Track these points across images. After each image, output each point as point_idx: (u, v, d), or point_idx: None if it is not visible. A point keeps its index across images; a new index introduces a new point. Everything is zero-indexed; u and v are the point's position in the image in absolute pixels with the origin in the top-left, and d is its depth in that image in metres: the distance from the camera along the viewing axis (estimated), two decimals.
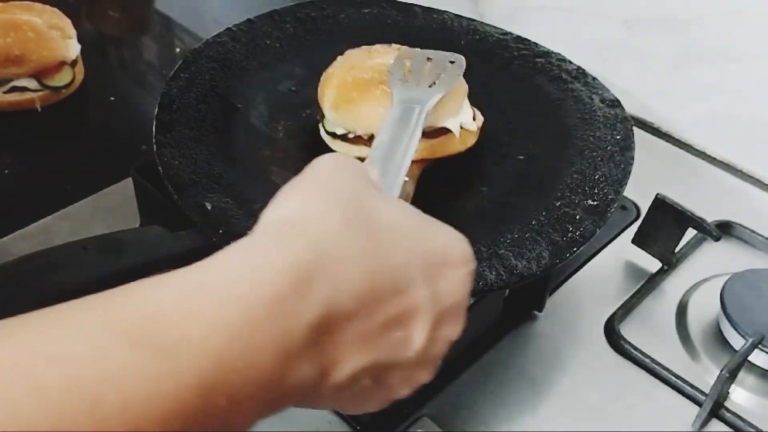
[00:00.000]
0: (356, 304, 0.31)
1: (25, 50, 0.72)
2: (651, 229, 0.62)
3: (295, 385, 0.29)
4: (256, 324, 0.27)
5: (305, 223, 0.32)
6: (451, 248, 0.36)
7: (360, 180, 0.36)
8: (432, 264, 0.34)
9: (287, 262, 0.29)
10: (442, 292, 0.34)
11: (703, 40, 0.75)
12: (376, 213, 0.34)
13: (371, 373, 0.32)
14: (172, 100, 0.60)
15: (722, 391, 0.51)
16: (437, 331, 0.34)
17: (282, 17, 0.71)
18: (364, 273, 0.31)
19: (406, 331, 0.33)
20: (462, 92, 0.58)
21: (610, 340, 0.57)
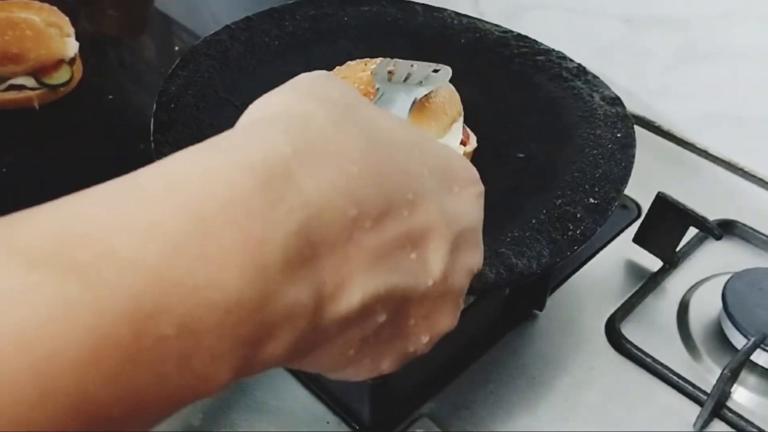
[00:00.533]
0: (358, 208, 0.25)
1: (23, 48, 0.72)
2: (652, 227, 0.62)
3: (282, 316, 0.23)
4: (211, 231, 0.22)
5: (285, 118, 0.27)
6: (456, 164, 0.32)
7: (352, 91, 0.31)
8: (440, 178, 0.30)
9: (256, 156, 0.24)
10: (455, 211, 0.30)
11: (705, 38, 0.75)
12: (373, 120, 0.29)
13: (388, 303, 0.27)
14: (170, 99, 0.59)
15: (724, 391, 0.51)
16: (455, 256, 0.30)
17: (281, 15, 0.71)
18: (365, 173, 0.26)
19: (421, 253, 0.28)
20: (446, 115, 0.56)
21: (610, 340, 0.57)
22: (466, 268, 0.31)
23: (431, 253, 0.28)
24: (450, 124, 0.56)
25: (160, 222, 0.21)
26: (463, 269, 0.31)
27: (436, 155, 0.31)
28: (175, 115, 0.58)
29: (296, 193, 0.24)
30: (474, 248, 0.32)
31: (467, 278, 0.31)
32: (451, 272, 0.29)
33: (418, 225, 0.28)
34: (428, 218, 0.28)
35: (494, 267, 0.48)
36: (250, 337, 0.22)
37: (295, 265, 0.23)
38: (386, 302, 0.27)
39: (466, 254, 0.31)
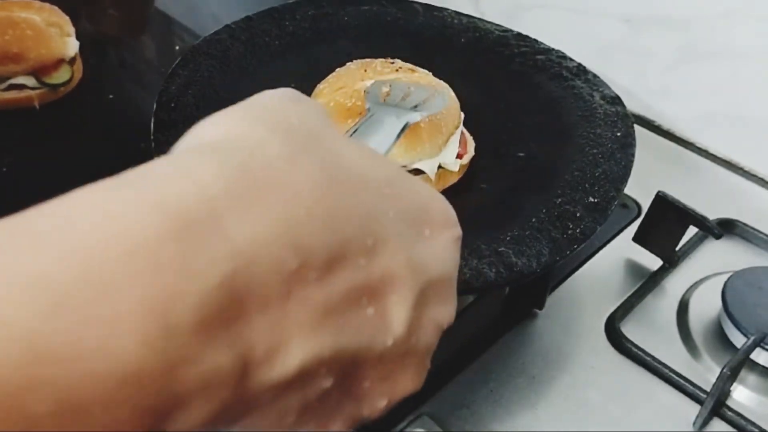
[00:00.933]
0: (300, 259, 0.21)
1: (23, 48, 0.72)
2: (652, 226, 0.62)
3: (198, 384, 0.19)
4: (108, 286, 0.18)
5: (227, 149, 0.23)
6: (431, 205, 0.28)
7: (317, 115, 0.27)
8: (410, 221, 0.26)
9: (176, 195, 0.20)
10: (424, 259, 0.26)
11: (705, 38, 0.75)
12: (337, 153, 0.25)
13: (333, 366, 0.23)
14: (170, 98, 0.59)
15: (724, 390, 0.51)
16: (423, 310, 0.26)
17: (281, 15, 0.71)
18: (314, 218, 0.22)
19: (380, 307, 0.24)
20: (442, 133, 0.55)
21: (610, 339, 0.57)
22: (435, 323, 0.27)
23: (393, 307, 0.25)
24: (446, 140, 0.55)
25: (45, 273, 0.18)
26: (431, 325, 0.27)
27: (410, 195, 0.27)
28: (175, 114, 0.58)
29: (222, 241, 0.20)
30: (445, 300, 0.27)
31: (435, 335, 0.27)
32: (416, 329, 0.25)
33: (377, 275, 0.24)
34: (391, 266, 0.24)
35: (494, 266, 0.48)
36: (154, 410, 0.19)
37: (214, 326, 0.19)
38: (332, 365, 0.23)
39: (436, 307, 0.27)
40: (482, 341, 0.56)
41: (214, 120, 0.25)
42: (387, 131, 0.42)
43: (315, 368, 0.22)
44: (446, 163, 0.55)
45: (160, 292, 0.19)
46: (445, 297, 0.27)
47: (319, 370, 0.22)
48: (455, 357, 0.54)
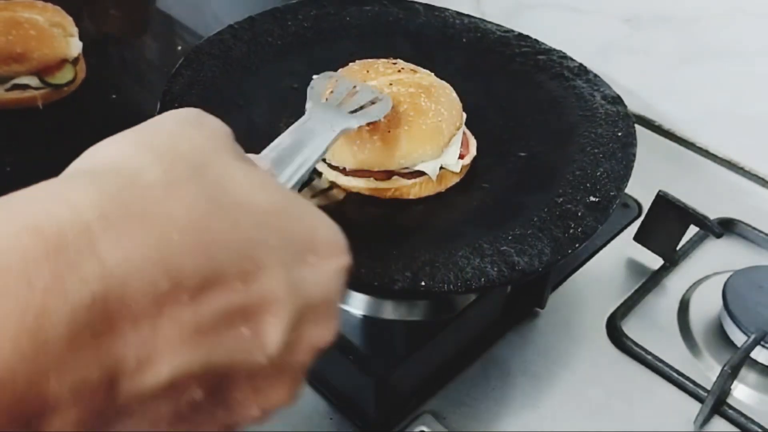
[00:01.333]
0: (171, 282, 0.23)
1: (26, 48, 0.72)
2: (653, 226, 0.62)
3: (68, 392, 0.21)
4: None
5: (107, 174, 0.24)
6: (319, 233, 0.29)
7: (214, 142, 0.28)
8: (292, 248, 0.27)
9: (51, 219, 0.22)
10: (306, 283, 0.27)
11: (706, 38, 0.75)
12: (223, 181, 0.26)
13: (204, 381, 0.24)
14: (173, 98, 0.60)
15: (724, 388, 0.51)
16: (299, 332, 0.27)
17: (283, 15, 0.71)
18: (189, 242, 0.24)
19: (256, 328, 0.26)
20: (443, 135, 0.55)
21: (612, 337, 0.57)
22: (311, 344, 0.28)
23: (268, 328, 0.26)
24: (448, 141, 0.55)
25: None
26: (307, 345, 0.28)
27: (295, 224, 0.28)
28: None
29: (94, 263, 0.21)
30: (324, 323, 0.29)
31: (311, 354, 0.29)
32: (291, 348, 0.27)
33: (255, 298, 0.25)
34: (269, 291, 0.26)
35: (496, 265, 0.48)
36: (25, 413, 0.20)
37: (84, 340, 0.21)
38: (202, 379, 0.24)
39: (313, 329, 0.28)
40: (484, 340, 0.56)
41: (105, 144, 0.27)
42: (318, 142, 0.43)
43: (184, 381, 0.24)
44: (448, 164, 0.56)
45: (33, 307, 0.20)
46: (323, 320, 0.28)
47: (188, 383, 0.24)
48: (457, 355, 0.55)
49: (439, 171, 0.55)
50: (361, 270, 0.46)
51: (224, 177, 0.27)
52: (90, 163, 0.26)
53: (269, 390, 0.27)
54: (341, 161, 0.54)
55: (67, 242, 0.21)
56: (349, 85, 0.52)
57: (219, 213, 0.25)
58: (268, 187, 0.28)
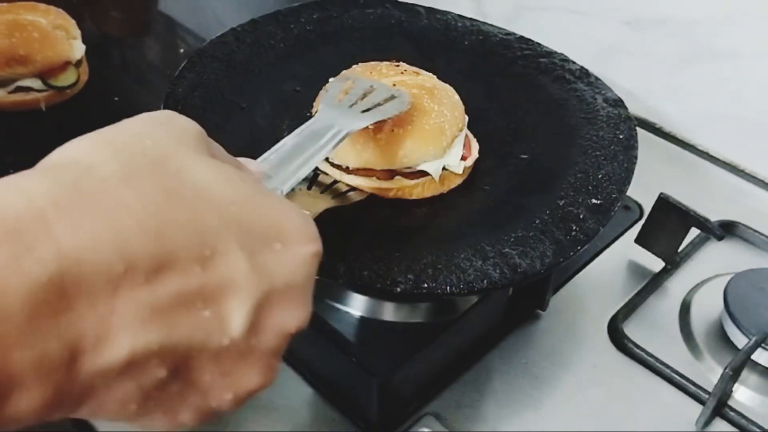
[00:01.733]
0: (126, 263, 0.24)
1: (29, 50, 0.72)
2: (654, 228, 0.63)
3: (30, 367, 0.23)
4: None
5: (66, 167, 0.26)
6: (287, 223, 0.30)
7: (179, 139, 0.30)
8: (257, 235, 0.28)
9: (8, 207, 0.24)
10: (272, 269, 0.28)
11: (707, 40, 0.75)
12: (183, 174, 0.28)
13: (165, 358, 0.26)
14: (176, 101, 0.60)
15: (725, 390, 0.52)
16: (266, 316, 0.28)
17: (286, 18, 0.72)
18: (143, 228, 0.25)
19: (217, 310, 0.27)
20: (445, 136, 0.55)
21: (613, 339, 0.58)
22: (280, 326, 0.29)
23: (231, 311, 0.27)
24: (450, 142, 0.56)
25: None
26: (276, 328, 0.29)
27: (260, 213, 0.29)
28: None
29: (50, 245, 0.23)
30: (294, 307, 0.30)
31: (281, 338, 0.29)
32: (256, 330, 0.28)
33: (214, 281, 0.27)
34: (230, 275, 0.27)
35: (498, 267, 0.48)
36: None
37: (43, 316, 0.23)
38: (164, 357, 0.26)
39: (281, 313, 0.29)
40: (486, 341, 0.56)
41: (69, 143, 0.29)
42: (323, 143, 0.44)
43: (145, 359, 0.25)
44: (450, 165, 0.56)
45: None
46: (292, 305, 0.29)
47: (149, 361, 0.25)
48: (459, 357, 0.55)
49: (442, 172, 0.56)
50: (364, 272, 0.46)
51: (184, 170, 0.28)
52: (52, 160, 0.28)
53: (239, 373, 0.28)
54: (344, 160, 0.54)
55: (23, 227, 0.23)
56: (366, 85, 0.53)
57: (175, 201, 0.26)
58: (233, 180, 0.29)
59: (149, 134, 0.29)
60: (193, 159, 0.29)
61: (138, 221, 0.25)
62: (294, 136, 0.44)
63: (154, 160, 0.28)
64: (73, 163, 0.27)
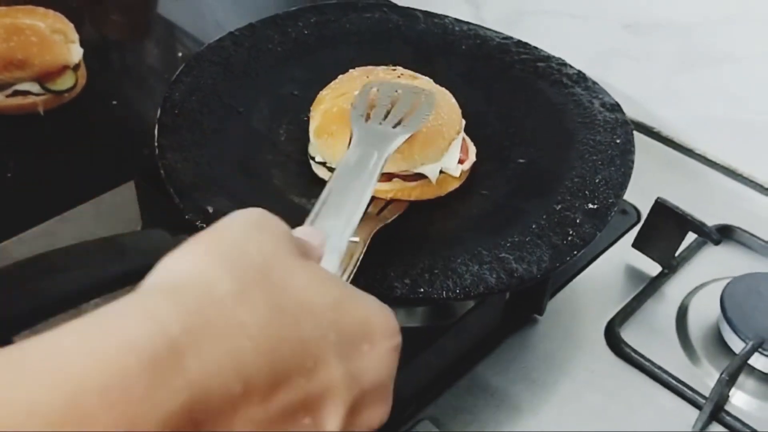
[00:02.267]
0: (246, 386, 0.26)
1: (28, 54, 0.72)
2: (651, 232, 0.63)
3: None
4: (89, 414, 0.23)
5: (186, 287, 0.27)
6: (373, 321, 0.31)
7: (276, 245, 0.31)
8: (349, 339, 0.30)
9: (143, 337, 0.25)
10: (362, 371, 0.30)
11: (704, 45, 0.75)
12: (286, 283, 0.29)
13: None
14: (174, 104, 0.60)
15: (722, 395, 0.52)
16: (356, 416, 0.30)
17: (284, 22, 0.72)
18: (258, 349, 0.26)
19: (317, 417, 0.28)
20: (444, 138, 0.55)
21: (610, 344, 0.58)
22: (367, 424, 0.31)
23: (327, 417, 0.28)
24: (448, 145, 0.56)
25: (38, 402, 0.22)
26: (364, 426, 0.31)
27: (352, 316, 0.31)
28: (179, 120, 0.59)
29: (181, 375, 0.24)
30: (379, 404, 0.31)
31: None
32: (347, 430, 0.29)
33: (315, 391, 0.28)
34: (328, 383, 0.28)
35: (495, 272, 0.48)
36: None
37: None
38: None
39: (369, 412, 0.31)
40: (483, 346, 0.56)
41: (177, 256, 0.30)
42: (369, 173, 0.44)
43: None
44: (448, 168, 0.56)
45: (130, 418, 0.23)
46: (378, 401, 0.31)
47: None
48: (456, 362, 0.55)
49: (440, 175, 0.56)
50: (360, 277, 0.46)
51: (286, 280, 0.29)
52: (166, 278, 0.29)
53: None
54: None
55: (157, 358, 0.24)
56: (391, 91, 0.54)
57: (282, 317, 0.28)
58: (326, 283, 0.31)
59: (251, 242, 0.30)
60: (292, 265, 0.30)
61: (252, 341, 0.26)
62: (336, 179, 0.43)
63: (261, 271, 0.29)
64: (191, 284, 0.28)
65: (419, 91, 0.55)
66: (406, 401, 0.52)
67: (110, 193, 0.67)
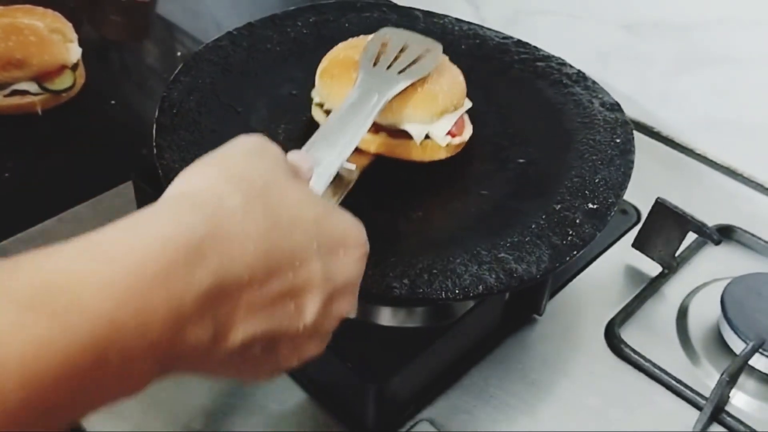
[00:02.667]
0: (250, 276, 0.33)
1: (26, 54, 0.72)
2: (651, 232, 0.62)
3: (189, 347, 0.31)
4: (148, 290, 0.29)
5: (204, 199, 0.34)
6: (347, 233, 0.39)
7: (274, 167, 0.38)
8: (328, 246, 0.37)
9: (180, 234, 0.31)
10: (336, 271, 0.37)
11: (704, 45, 0.75)
12: (281, 200, 0.36)
13: (263, 341, 0.35)
14: (172, 104, 0.60)
15: (723, 396, 0.51)
16: (329, 306, 0.37)
17: (282, 21, 0.72)
18: (259, 250, 0.34)
19: (299, 303, 0.36)
20: (437, 104, 0.56)
21: (610, 344, 0.57)
22: (338, 314, 0.39)
23: (307, 304, 0.36)
24: (440, 113, 0.56)
25: (113, 282, 0.29)
26: (335, 315, 0.38)
27: (332, 229, 0.38)
28: (177, 120, 0.59)
29: (206, 267, 0.31)
30: (348, 298, 0.39)
31: (336, 321, 0.39)
32: (322, 318, 0.37)
33: (300, 283, 0.35)
34: (309, 278, 0.36)
35: (494, 272, 0.48)
36: (167, 361, 0.31)
37: (200, 315, 0.31)
38: (262, 340, 0.35)
39: (340, 303, 0.38)
40: (482, 347, 0.56)
41: (192, 172, 0.36)
42: (365, 115, 0.50)
43: (250, 342, 0.34)
44: (435, 135, 0.56)
45: (174, 296, 0.30)
46: (347, 296, 0.39)
47: (252, 344, 0.34)
48: (455, 362, 0.55)
49: (426, 140, 0.56)
50: None
51: (282, 199, 0.36)
52: (184, 189, 0.36)
53: (305, 347, 0.38)
54: (333, 103, 0.56)
55: (191, 250, 0.31)
56: (402, 42, 0.57)
57: (278, 227, 0.35)
58: (312, 201, 0.38)
59: (253, 165, 0.37)
60: (286, 186, 0.37)
61: (254, 244, 0.33)
62: (338, 114, 0.49)
63: (261, 191, 0.35)
64: (209, 197, 0.34)
65: (428, 43, 0.57)
66: (405, 402, 0.52)
67: (108, 193, 0.67)
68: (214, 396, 0.52)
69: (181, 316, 0.30)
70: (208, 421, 0.50)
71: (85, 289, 0.28)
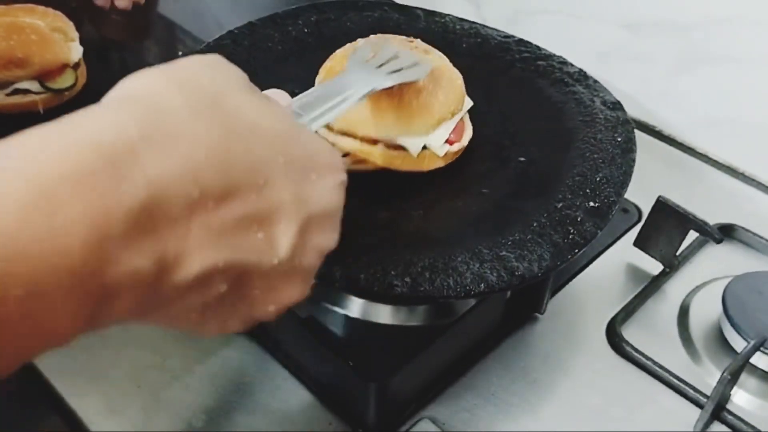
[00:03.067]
0: (201, 192, 0.28)
1: (27, 53, 0.72)
2: (653, 231, 0.62)
3: (126, 279, 0.26)
4: (57, 204, 0.24)
5: (140, 99, 0.29)
6: (320, 154, 0.34)
7: (228, 80, 0.33)
8: (297, 166, 0.32)
9: (105, 137, 0.26)
10: (309, 197, 0.32)
11: (705, 44, 0.75)
12: (238, 111, 0.31)
13: (227, 275, 0.30)
14: None
15: (724, 394, 0.51)
16: (305, 237, 0.32)
17: (284, 20, 0.72)
18: (212, 159, 0.28)
19: (268, 233, 0.31)
20: (432, 115, 0.55)
21: (611, 343, 0.57)
22: (317, 248, 0.34)
23: (279, 234, 0.31)
24: (437, 123, 0.56)
25: (11, 194, 0.24)
26: (314, 249, 0.33)
27: (300, 146, 0.33)
28: None
29: (140, 173, 0.26)
30: (327, 231, 0.34)
31: (318, 257, 0.34)
32: (299, 252, 0.32)
33: (266, 207, 0.30)
34: (277, 202, 0.31)
35: (495, 270, 0.48)
36: (94, 297, 0.25)
37: (136, 236, 0.26)
38: (226, 274, 0.30)
39: (318, 236, 0.33)
40: (483, 345, 0.56)
41: (135, 76, 0.31)
42: (350, 94, 0.46)
43: (211, 275, 0.29)
44: (432, 146, 0.56)
45: (96, 209, 0.25)
46: (327, 228, 0.34)
47: (214, 277, 0.29)
48: (457, 361, 0.55)
49: (424, 151, 0.55)
50: (361, 275, 0.46)
51: (239, 107, 0.31)
52: (123, 92, 0.30)
53: (282, 288, 0.33)
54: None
55: (118, 155, 0.26)
56: (393, 51, 0.55)
57: (234, 137, 0.30)
58: (277, 116, 0.33)
59: (205, 74, 0.32)
60: (244, 97, 0.32)
61: (207, 154, 0.28)
62: (322, 86, 0.46)
63: (213, 96, 0.30)
64: (144, 97, 0.29)
65: (418, 58, 0.55)
66: (406, 400, 0.52)
67: None
68: (215, 394, 0.52)
69: (107, 236, 0.25)
70: (209, 420, 0.50)
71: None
